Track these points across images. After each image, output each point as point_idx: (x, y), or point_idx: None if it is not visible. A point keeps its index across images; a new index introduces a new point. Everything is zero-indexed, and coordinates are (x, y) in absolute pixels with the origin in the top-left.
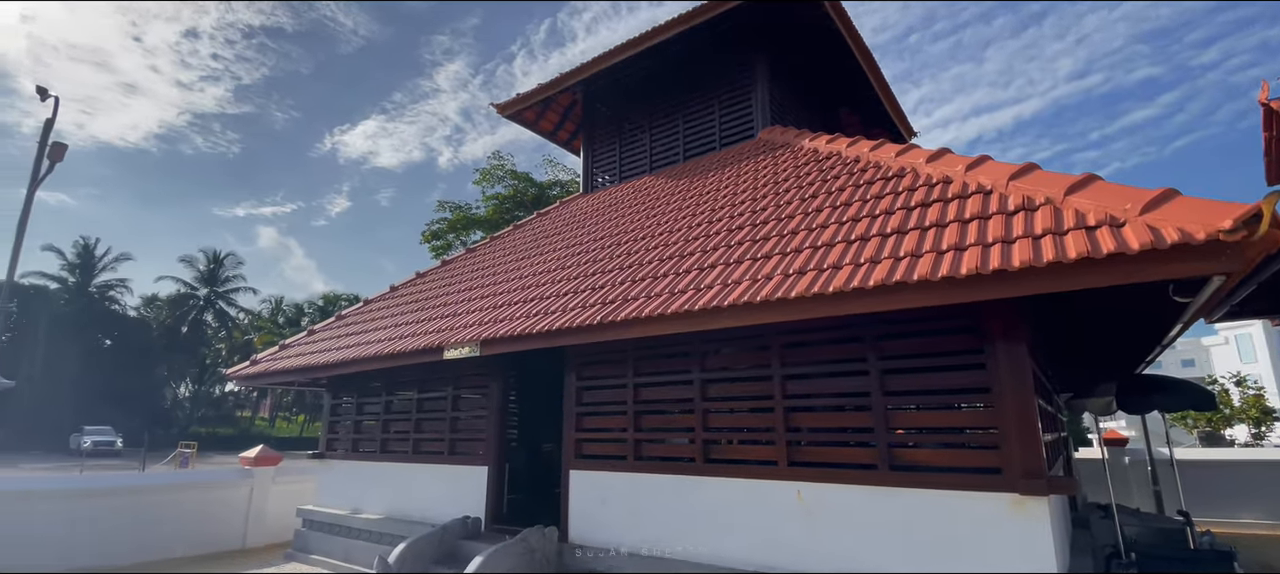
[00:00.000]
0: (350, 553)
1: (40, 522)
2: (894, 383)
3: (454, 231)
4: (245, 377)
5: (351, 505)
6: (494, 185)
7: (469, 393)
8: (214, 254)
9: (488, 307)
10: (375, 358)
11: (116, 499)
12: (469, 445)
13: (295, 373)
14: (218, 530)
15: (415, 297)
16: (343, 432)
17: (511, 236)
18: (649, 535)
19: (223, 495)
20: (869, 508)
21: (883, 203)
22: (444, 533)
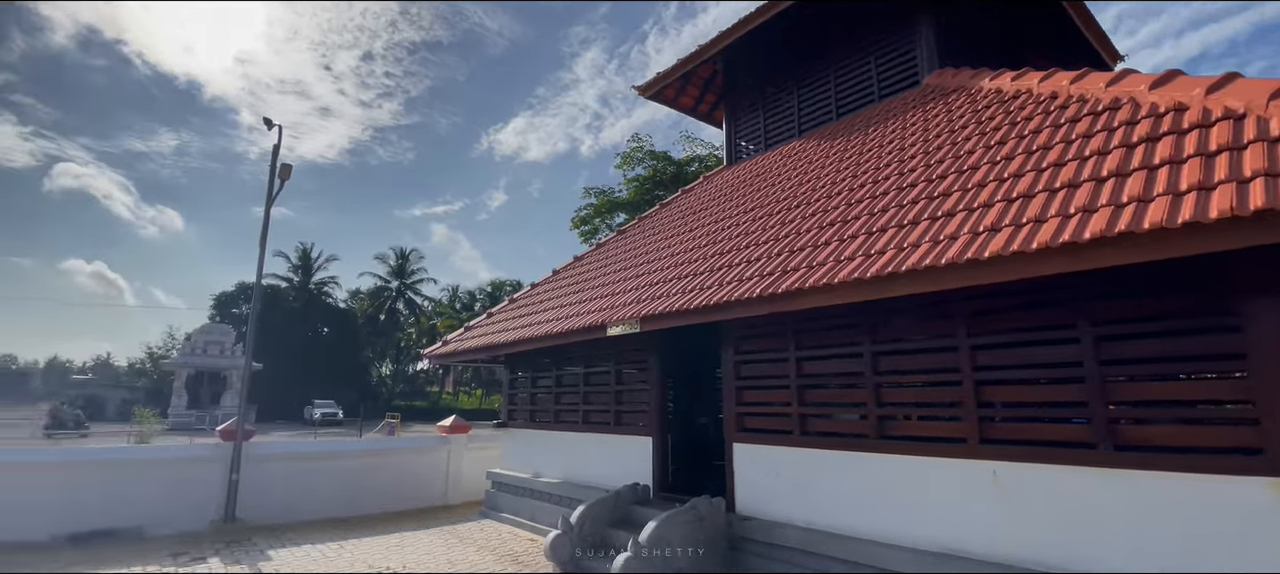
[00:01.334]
0: (535, 513)
1: (317, 479)
2: (1113, 350)
3: (599, 216)
4: (437, 355)
5: (532, 470)
6: (634, 168)
7: (630, 368)
8: (401, 251)
9: (644, 285)
10: (545, 336)
11: (353, 461)
12: (632, 417)
13: (478, 351)
14: (424, 489)
15: (576, 279)
16: (520, 403)
17: (658, 216)
18: (821, 511)
19: (426, 459)
20: (1084, 492)
21: (1093, 142)
22: (617, 498)
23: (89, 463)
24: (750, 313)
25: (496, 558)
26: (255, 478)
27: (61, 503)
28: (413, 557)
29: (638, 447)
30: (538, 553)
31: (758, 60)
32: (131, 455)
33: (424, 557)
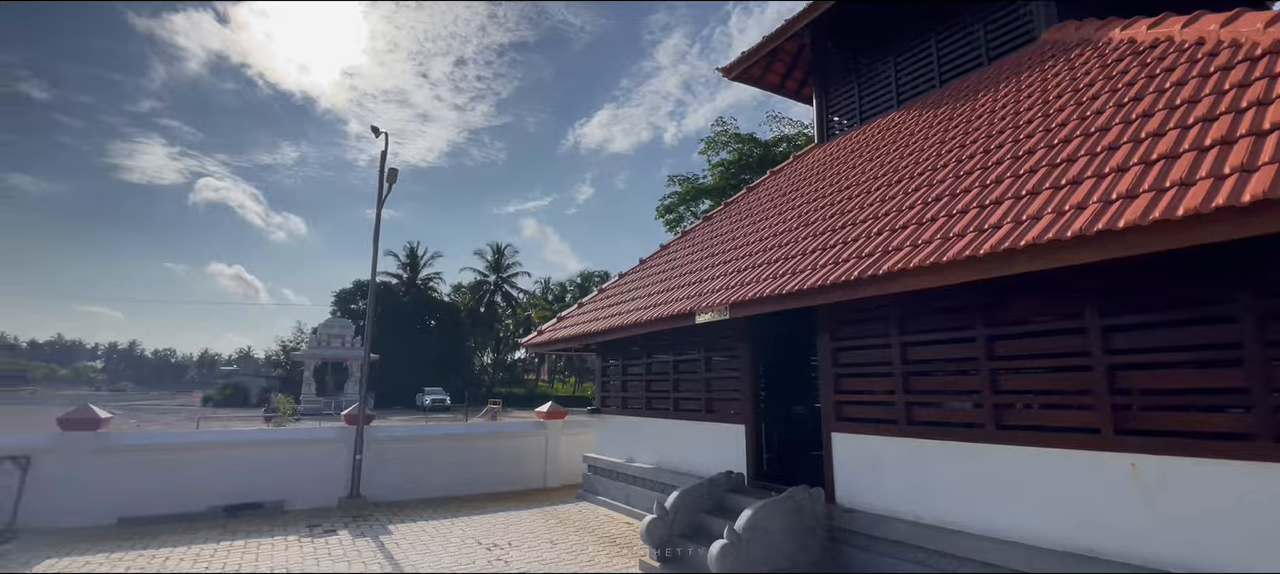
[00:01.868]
0: (630, 497)
1: (429, 460)
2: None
3: (684, 203)
4: (532, 344)
5: (626, 455)
6: (719, 152)
7: (720, 355)
8: (497, 247)
9: (732, 270)
10: (635, 325)
11: (461, 444)
12: (724, 404)
13: (569, 340)
14: (524, 471)
15: (663, 267)
16: (613, 390)
17: (746, 200)
18: (930, 504)
19: (526, 443)
20: (1242, 489)
21: (1251, 91)
22: (711, 485)
23: (239, 444)
24: (848, 297)
25: (595, 540)
26: (376, 458)
27: (218, 479)
28: (516, 535)
29: (730, 434)
30: (634, 536)
31: (849, 30)
32: (273, 437)
33: (527, 535)
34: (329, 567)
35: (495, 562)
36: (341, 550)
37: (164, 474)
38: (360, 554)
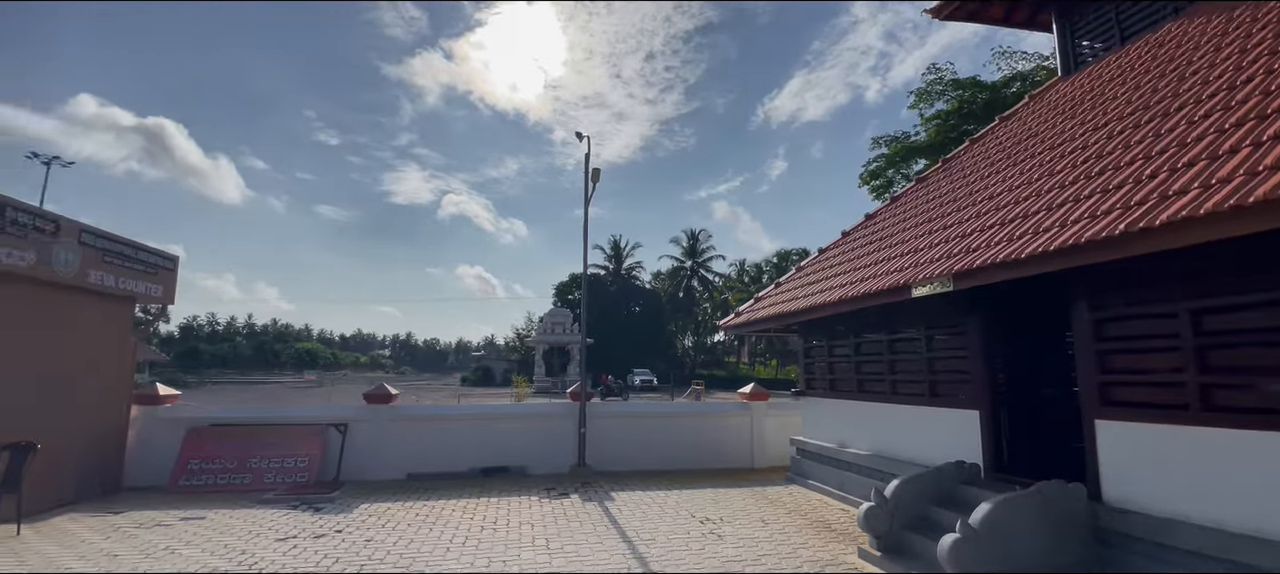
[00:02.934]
0: (843, 483)
1: (642, 436)
2: None
3: (893, 166)
4: (730, 326)
5: (837, 440)
6: (933, 104)
7: (944, 332)
8: (692, 232)
9: (954, 236)
10: (839, 302)
11: (671, 422)
12: (951, 387)
13: (768, 321)
14: (730, 451)
15: (869, 238)
16: (818, 372)
17: (970, 154)
18: (1239, 509)
19: (731, 423)
20: None
21: None
22: (938, 475)
23: (491, 416)
24: (1114, 255)
25: (808, 523)
26: (596, 432)
27: (476, 445)
28: (728, 511)
29: (959, 421)
30: (850, 523)
31: None
32: (516, 412)
33: (738, 512)
34: (564, 525)
35: (709, 534)
36: (574, 512)
37: (438, 440)
38: (589, 517)
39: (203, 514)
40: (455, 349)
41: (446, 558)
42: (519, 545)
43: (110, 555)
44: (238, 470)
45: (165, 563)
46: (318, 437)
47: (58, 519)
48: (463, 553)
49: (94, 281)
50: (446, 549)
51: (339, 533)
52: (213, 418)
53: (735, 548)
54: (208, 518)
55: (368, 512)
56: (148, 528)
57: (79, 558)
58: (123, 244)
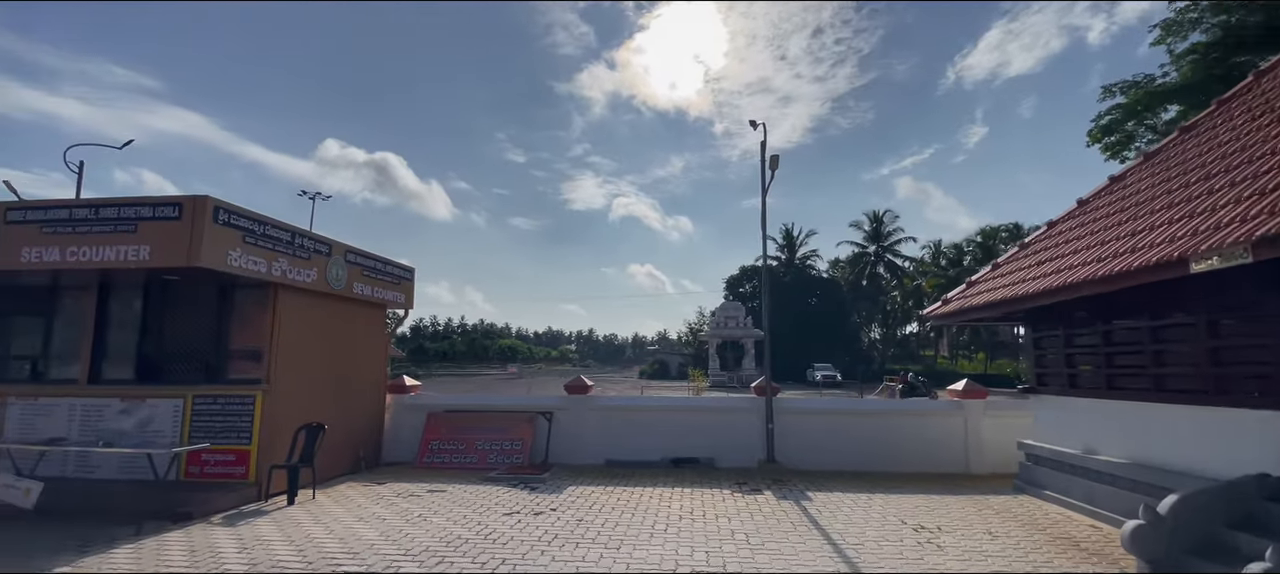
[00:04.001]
0: (1092, 495)
1: (835, 434)
2: None
3: (1134, 117)
4: (939, 316)
5: (1081, 444)
6: (1185, 36)
7: (1233, 316)
8: (875, 215)
9: (1249, 195)
10: (1085, 282)
11: (866, 420)
12: (1244, 383)
13: (986, 308)
14: (939, 454)
15: (1117, 205)
16: (1052, 366)
17: (1259, 89)
18: None
19: (939, 424)
20: None
21: None
22: (1232, 490)
23: (680, 408)
24: None
25: (1047, 539)
26: (785, 428)
27: (665, 436)
28: (944, 520)
29: (1257, 424)
30: (1106, 542)
31: None
32: (701, 404)
33: (957, 522)
34: (762, 521)
35: (926, 543)
36: (770, 509)
37: (631, 429)
38: (787, 515)
39: (444, 488)
40: (632, 343)
41: (651, 542)
42: (719, 538)
43: (380, 518)
44: (466, 451)
45: (422, 528)
46: (529, 423)
47: (340, 487)
48: (665, 540)
49: (357, 292)
50: (650, 534)
51: (553, 511)
52: (446, 405)
53: (960, 562)
54: (448, 491)
55: (575, 493)
56: (404, 497)
57: (357, 519)
58: (375, 260)
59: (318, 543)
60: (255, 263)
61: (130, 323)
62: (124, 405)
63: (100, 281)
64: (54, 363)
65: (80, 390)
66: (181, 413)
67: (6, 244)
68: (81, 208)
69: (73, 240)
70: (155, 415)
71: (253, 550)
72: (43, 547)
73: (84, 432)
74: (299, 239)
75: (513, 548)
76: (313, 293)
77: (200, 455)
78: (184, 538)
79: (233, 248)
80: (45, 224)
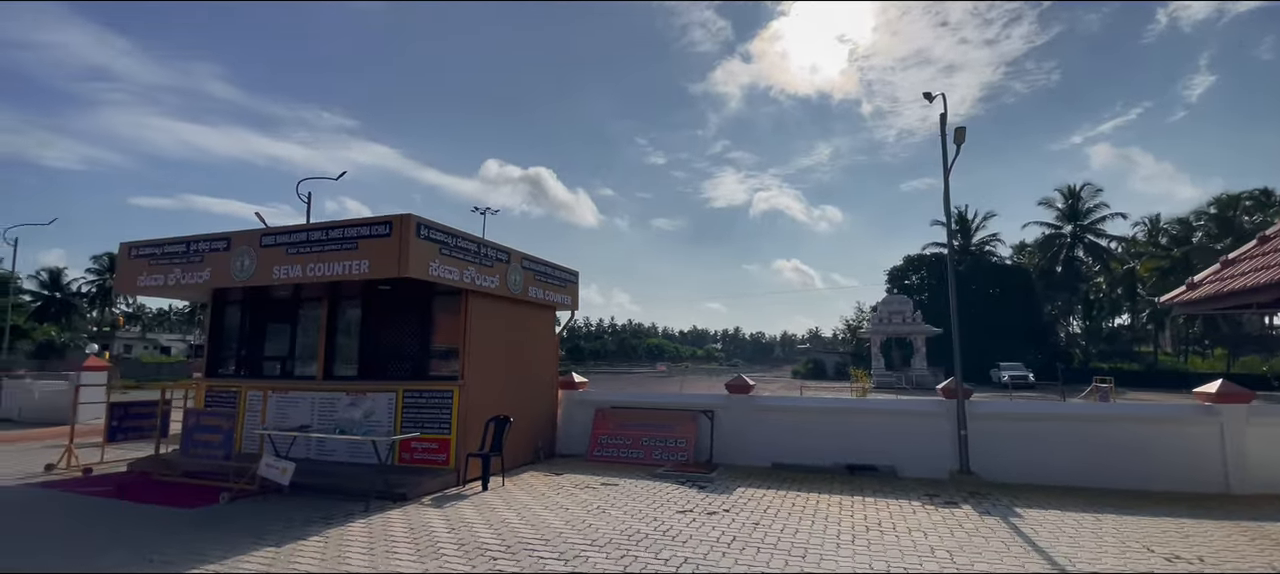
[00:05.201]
0: None
1: (1030, 439)
2: None
3: None
4: (1185, 303)
5: None
6: None
7: None
8: (1070, 189)
9: None
10: None
11: (1081, 426)
12: None
13: (1256, 292)
14: (1185, 469)
15: None
16: None
17: None
18: None
19: (1185, 432)
20: None
21: None
22: None
23: (854, 410)
24: None
25: None
26: (979, 435)
27: (837, 439)
28: (1206, 548)
29: None
30: None
31: None
32: (882, 407)
33: (1223, 551)
34: (965, 538)
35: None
36: (973, 525)
37: (799, 431)
38: (995, 533)
39: (616, 482)
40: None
41: (839, 553)
42: (917, 554)
43: (563, 508)
44: (633, 447)
45: (603, 519)
46: (691, 421)
47: (524, 475)
48: (855, 552)
49: (532, 295)
50: (836, 545)
51: (727, 512)
52: (612, 402)
53: None
54: (619, 485)
55: (746, 495)
56: (581, 489)
57: (544, 507)
58: (545, 265)
59: (512, 528)
60: (450, 271)
61: (353, 328)
62: (351, 398)
63: (330, 293)
64: (298, 362)
65: (318, 386)
66: (395, 405)
67: (262, 264)
68: (315, 231)
69: (310, 258)
70: (376, 407)
71: (459, 531)
72: (298, 517)
73: (322, 420)
74: (484, 249)
75: (693, 547)
76: (495, 297)
77: (410, 443)
78: (402, 516)
79: (433, 259)
80: (289, 246)
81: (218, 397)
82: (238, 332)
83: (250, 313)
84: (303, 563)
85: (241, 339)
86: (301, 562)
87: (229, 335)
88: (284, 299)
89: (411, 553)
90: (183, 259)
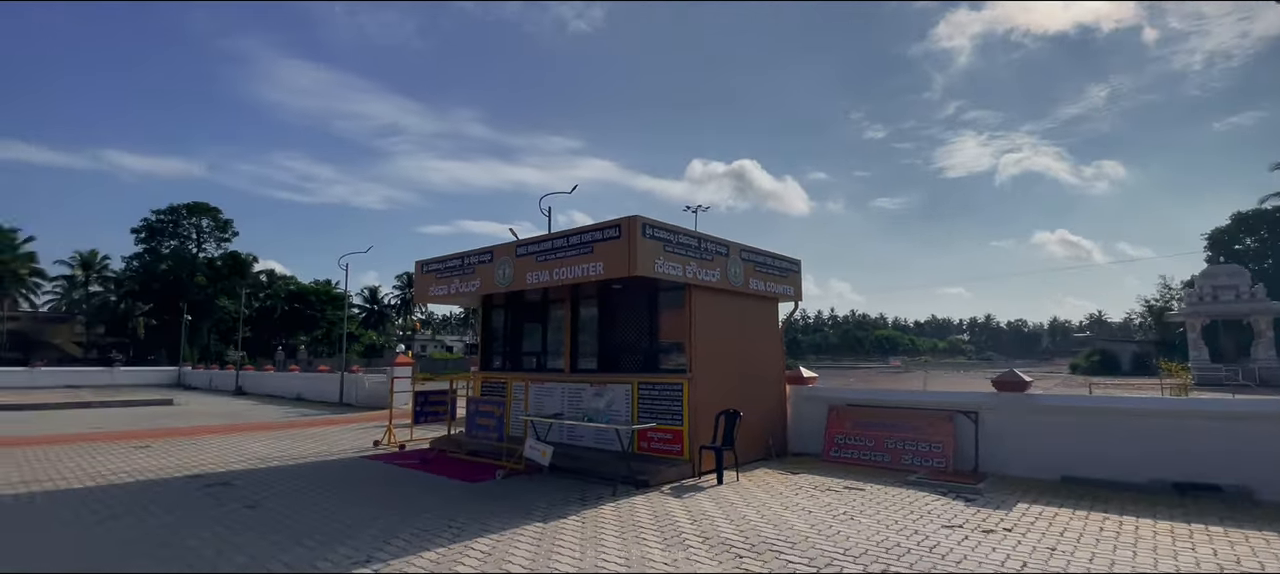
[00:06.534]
0: None
1: None
2: None
3: None
4: None
5: None
6: None
7: None
8: None
9: None
10: None
11: None
12: None
13: None
14: None
15: None
16: None
17: None
18: None
19: None
20: None
21: None
22: None
23: (1187, 413)
24: None
25: None
26: None
27: (1154, 450)
28: None
29: None
30: None
31: None
32: (1232, 409)
33: None
34: None
35: None
36: None
37: (1093, 437)
38: None
39: (861, 486)
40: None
41: None
42: None
43: (805, 510)
44: (876, 449)
45: (851, 527)
46: (947, 422)
47: (757, 472)
48: None
49: (752, 287)
50: None
51: (1008, 531)
52: (847, 398)
53: None
54: (865, 490)
55: (1031, 513)
56: (821, 490)
57: (784, 507)
58: (764, 255)
59: (754, 526)
60: (674, 268)
61: (591, 325)
62: (595, 389)
63: (571, 294)
64: (548, 357)
65: (565, 377)
66: (631, 396)
67: (518, 272)
68: (557, 239)
69: (554, 264)
70: (616, 398)
71: (700, 523)
72: (558, 496)
73: (570, 408)
74: (704, 244)
75: (968, 567)
76: (717, 291)
77: (647, 432)
78: (646, 503)
79: (658, 257)
80: (537, 254)
81: (490, 387)
82: (502, 331)
83: (510, 314)
84: (565, 539)
85: (505, 337)
86: (563, 538)
87: (495, 335)
88: (535, 302)
89: (658, 542)
90: (459, 271)
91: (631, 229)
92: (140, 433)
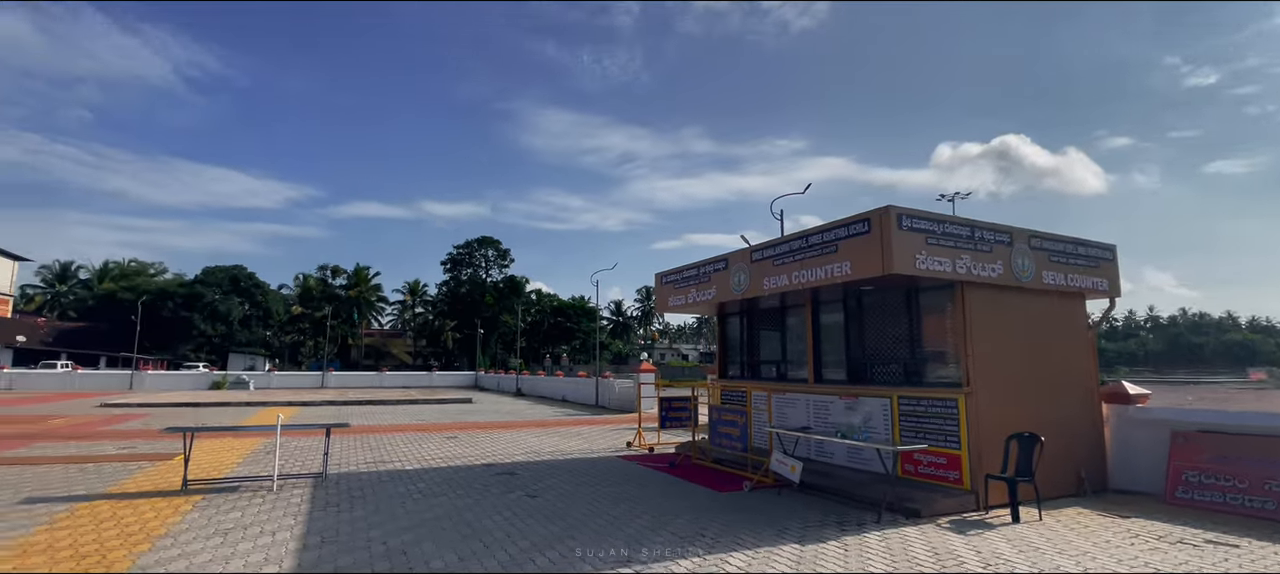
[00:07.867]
0: None
1: None
2: None
3: None
4: None
5: None
6: None
7: None
8: None
9: None
10: None
11: None
12: None
13: None
14: None
15: None
16: None
17: None
18: None
19: None
20: None
21: None
22: None
23: None
24: None
25: None
26: None
27: None
28: None
29: None
30: None
31: None
32: None
33: None
34: None
35: None
36: None
37: None
38: None
39: (1234, 542)
40: None
41: None
42: None
43: (1152, 568)
44: (1249, 491)
45: None
46: None
47: (1067, 511)
48: None
49: (1047, 281)
50: None
51: None
52: (1201, 422)
53: None
54: (1240, 548)
55: None
56: (1169, 543)
57: (1115, 562)
58: (1062, 242)
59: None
60: (939, 263)
61: (834, 332)
62: (847, 403)
63: (811, 298)
64: (789, 366)
65: (810, 388)
66: (890, 412)
67: (754, 277)
68: (795, 240)
69: (793, 267)
70: (872, 413)
71: (995, 566)
72: (812, 518)
73: (817, 422)
74: (978, 232)
75: None
76: (999, 287)
77: (912, 455)
78: (920, 536)
79: (918, 251)
80: (775, 258)
81: (729, 395)
82: (738, 340)
83: (746, 322)
84: (827, 567)
85: (741, 346)
86: (825, 565)
87: (732, 343)
88: (771, 308)
89: None
90: (695, 280)
91: (883, 222)
92: (450, 425)
